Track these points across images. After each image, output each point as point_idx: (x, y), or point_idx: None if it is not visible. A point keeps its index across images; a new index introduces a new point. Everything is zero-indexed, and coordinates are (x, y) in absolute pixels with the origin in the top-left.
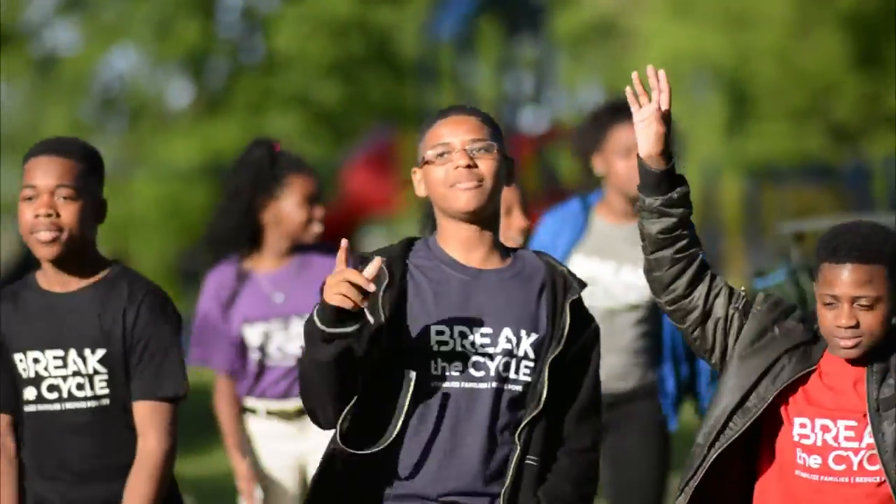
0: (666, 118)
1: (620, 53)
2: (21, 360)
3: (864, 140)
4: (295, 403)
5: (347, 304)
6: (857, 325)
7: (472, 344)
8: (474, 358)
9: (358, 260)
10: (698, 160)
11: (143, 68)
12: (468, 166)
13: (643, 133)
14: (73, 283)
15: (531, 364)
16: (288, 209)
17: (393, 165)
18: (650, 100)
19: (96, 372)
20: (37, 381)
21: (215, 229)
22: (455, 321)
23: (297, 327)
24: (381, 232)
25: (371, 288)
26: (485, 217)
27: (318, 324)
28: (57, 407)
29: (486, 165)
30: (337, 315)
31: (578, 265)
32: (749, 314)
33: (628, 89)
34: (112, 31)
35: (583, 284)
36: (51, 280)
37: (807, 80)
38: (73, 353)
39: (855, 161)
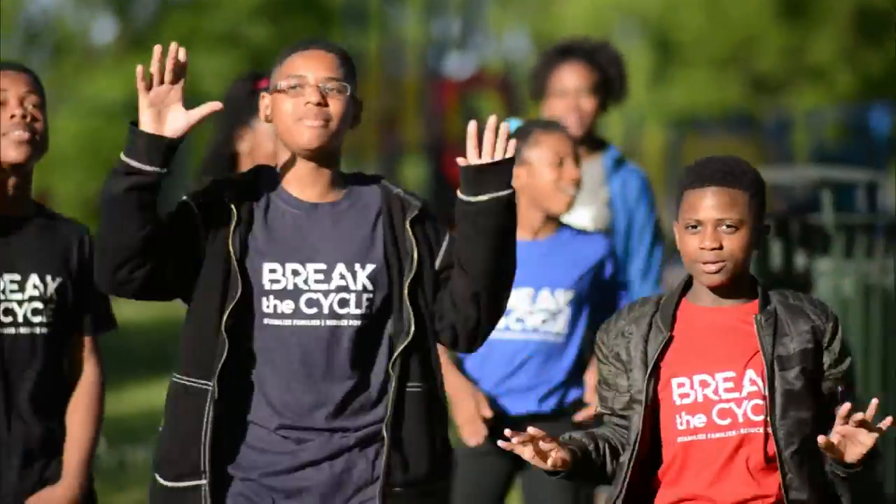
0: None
1: (548, 1)
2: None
3: (785, 92)
4: None
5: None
6: (720, 248)
7: (305, 281)
8: (307, 296)
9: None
10: (622, 109)
11: (66, 4)
12: (318, 104)
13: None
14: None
15: (370, 296)
16: (260, 139)
17: None
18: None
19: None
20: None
21: (205, 160)
22: (288, 258)
23: None
24: None
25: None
26: (325, 155)
27: (124, 157)
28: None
29: (336, 105)
30: (146, 150)
31: None
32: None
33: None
34: None
35: (422, 199)
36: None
37: (731, 29)
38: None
39: (777, 113)
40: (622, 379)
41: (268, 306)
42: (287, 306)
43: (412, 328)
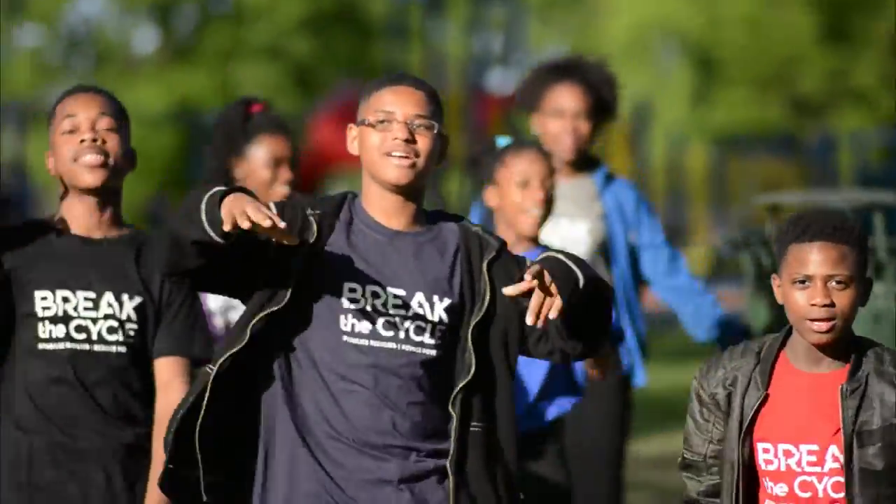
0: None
1: (590, 18)
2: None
3: (828, 114)
4: None
5: (240, 221)
6: (832, 305)
7: (384, 304)
8: (385, 318)
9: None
10: (664, 128)
11: (109, 12)
12: (406, 140)
13: None
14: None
15: (444, 329)
16: (253, 167)
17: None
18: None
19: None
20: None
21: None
22: (368, 280)
23: None
24: (346, 185)
25: (266, 223)
26: (411, 190)
27: (203, 216)
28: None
29: (424, 143)
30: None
31: None
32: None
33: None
34: None
35: (500, 240)
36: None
37: (773, 49)
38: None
39: (821, 134)
40: (717, 426)
41: (345, 325)
42: (364, 326)
43: (472, 368)
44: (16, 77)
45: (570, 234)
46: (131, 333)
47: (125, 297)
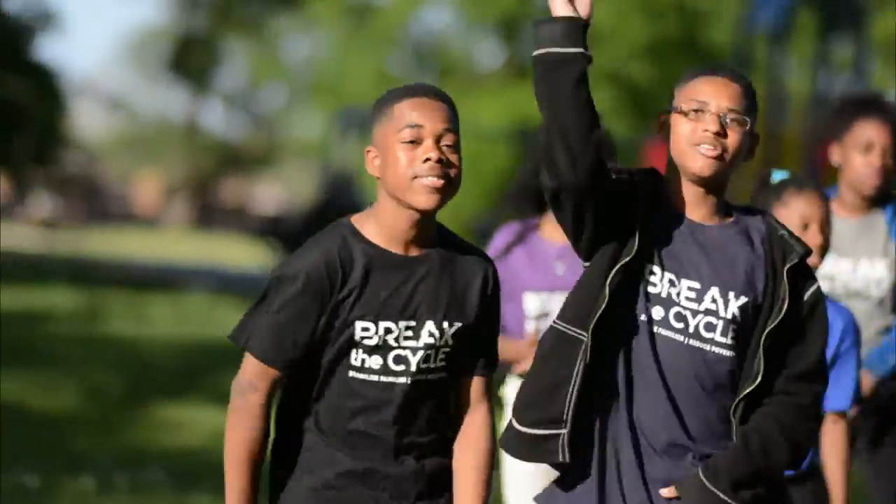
0: None
1: None
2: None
3: None
4: None
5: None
6: (724, 136)
7: (678, 295)
8: (676, 309)
9: None
10: None
11: (456, 27)
12: (717, 133)
13: None
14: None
15: (736, 328)
16: None
17: None
18: None
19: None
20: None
21: (511, 188)
22: (666, 268)
23: None
24: None
25: None
26: (715, 183)
27: (547, 49)
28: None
29: (734, 138)
30: (570, 34)
31: None
32: None
33: None
34: None
35: (806, 247)
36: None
37: None
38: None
39: None
40: None
41: (642, 312)
42: (657, 312)
43: (760, 374)
44: (360, 89)
45: (872, 274)
46: None
47: (445, 324)
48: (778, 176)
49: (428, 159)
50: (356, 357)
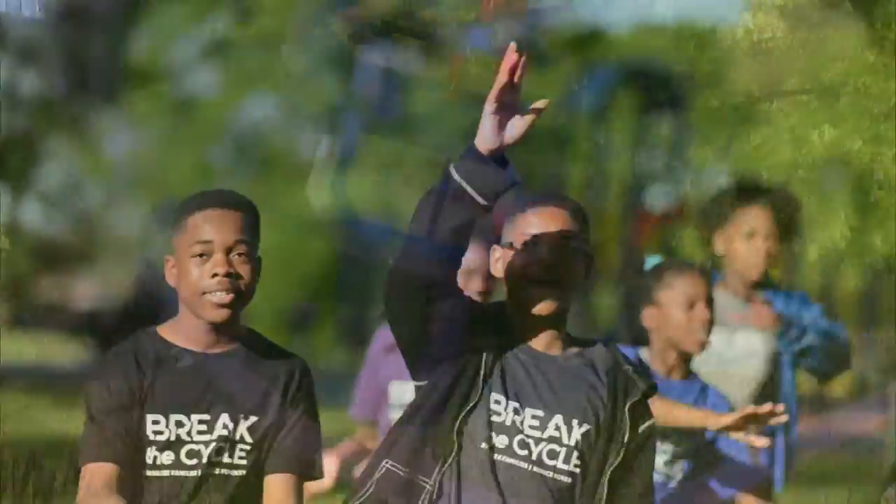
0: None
1: (750, 136)
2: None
3: None
4: None
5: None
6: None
7: (522, 422)
8: (519, 437)
9: None
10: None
11: (278, 118)
12: (549, 266)
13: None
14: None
15: (579, 455)
16: None
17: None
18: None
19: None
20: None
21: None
22: (514, 398)
23: None
24: None
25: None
26: (556, 317)
27: (463, 181)
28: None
29: (568, 267)
30: (489, 182)
31: None
32: None
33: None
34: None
35: (649, 383)
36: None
37: None
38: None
39: None
40: None
41: (483, 440)
42: (501, 441)
43: (602, 502)
44: (180, 184)
45: (745, 347)
46: None
47: (241, 417)
48: (652, 261)
49: (216, 275)
50: (149, 455)
